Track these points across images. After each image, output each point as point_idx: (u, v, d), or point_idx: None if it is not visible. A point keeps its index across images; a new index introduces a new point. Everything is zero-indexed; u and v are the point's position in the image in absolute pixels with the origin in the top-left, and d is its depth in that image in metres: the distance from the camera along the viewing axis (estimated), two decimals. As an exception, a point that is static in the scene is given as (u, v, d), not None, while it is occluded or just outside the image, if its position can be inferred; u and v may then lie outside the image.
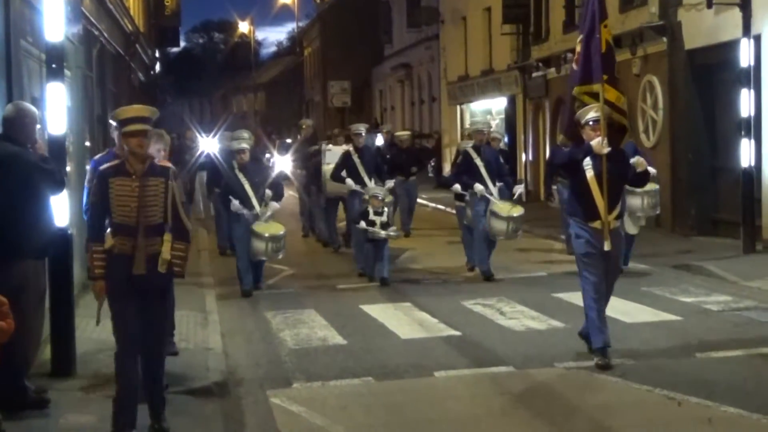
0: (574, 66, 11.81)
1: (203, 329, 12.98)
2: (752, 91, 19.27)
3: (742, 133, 18.93)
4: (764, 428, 8.59)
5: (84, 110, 17.84)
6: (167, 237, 8.53)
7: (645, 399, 9.65)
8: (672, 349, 11.63)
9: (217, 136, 27.02)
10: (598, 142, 10.75)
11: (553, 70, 31.69)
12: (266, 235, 15.64)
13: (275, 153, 30.43)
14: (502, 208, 16.82)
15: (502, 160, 18.52)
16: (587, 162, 10.93)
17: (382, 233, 16.67)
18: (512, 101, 36.28)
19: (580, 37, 11.79)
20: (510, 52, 35.85)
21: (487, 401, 9.80)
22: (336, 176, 19.20)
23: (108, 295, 8.56)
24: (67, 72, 13.56)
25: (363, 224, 16.87)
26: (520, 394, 9.96)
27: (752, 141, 18.77)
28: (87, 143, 18.00)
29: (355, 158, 19.04)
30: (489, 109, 39.90)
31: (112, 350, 11.01)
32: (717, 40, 21.27)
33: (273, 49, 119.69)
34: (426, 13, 46.09)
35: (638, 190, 15.61)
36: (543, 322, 13.34)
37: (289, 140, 41.96)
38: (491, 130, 18.86)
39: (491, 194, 16.92)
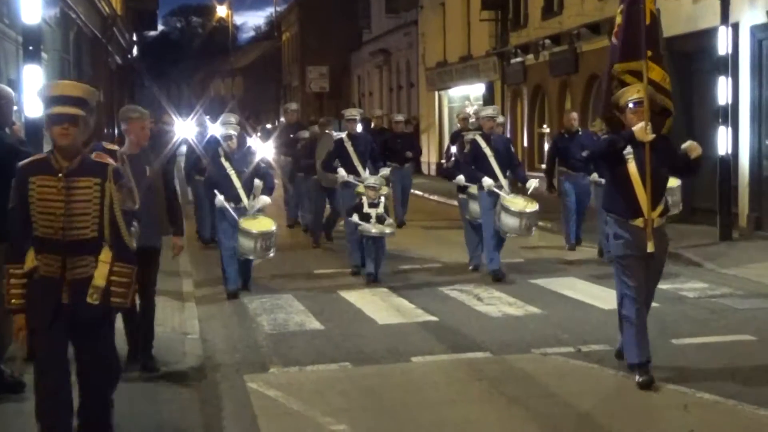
0: (614, 40, 10.33)
1: (180, 314, 12.96)
2: (729, 79, 19.35)
3: (720, 120, 19.01)
4: (740, 414, 8.63)
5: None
6: (104, 257, 6.90)
7: (621, 385, 9.67)
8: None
9: (194, 120, 26.82)
10: (641, 128, 9.35)
11: (531, 56, 31.76)
12: (255, 231, 14.25)
13: (255, 139, 28.53)
14: (515, 202, 15.44)
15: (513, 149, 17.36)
16: (628, 151, 9.54)
17: (373, 231, 15.31)
18: (490, 88, 36.27)
19: (621, 6, 10.35)
20: (488, 38, 35.87)
21: (463, 387, 9.82)
22: (327, 166, 17.93)
23: (30, 332, 7.09)
24: (43, 54, 13.54)
25: (356, 218, 15.50)
26: (497, 379, 9.96)
27: (729, 129, 18.86)
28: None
29: (348, 146, 17.46)
30: (467, 96, 39.90)
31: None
32: (695, 28, 21.32)
33: (251, 33, 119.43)
34: (405, -1, 46.05)
35: None
36: (520, 308, 13.36)
37: (269, 125, 41.77)
38: (494, 115, 16.81)
39: (501, 188, 15.57)
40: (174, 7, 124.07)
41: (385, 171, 18.06)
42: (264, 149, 23.08)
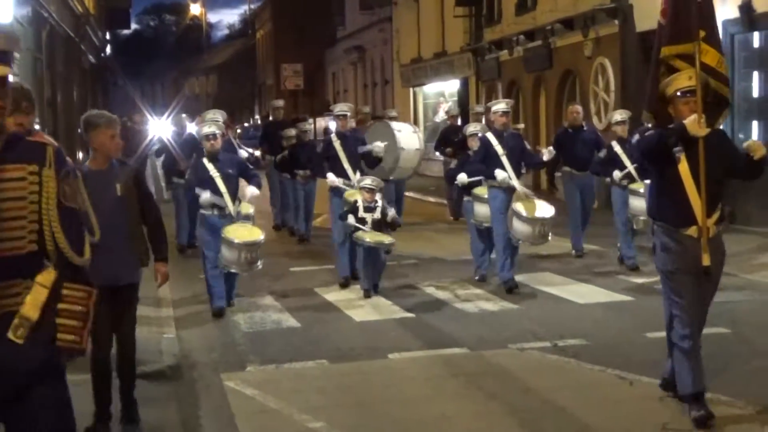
0: (661, 19, 8.84)
1: (156, 311, 12.95)
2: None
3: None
4: (714, 406, 8.64)
5: (33, 92, 17.68)
6: (44, 278, 4.76)
7: (597, 379, 9.73)
8: (624, 329, 11.71)
9: (170, 119, 26.52)
10: (693, 121, 7.88)
11: (505, 52, 31.81)
12: (237, 242, 12.71)
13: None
14: (528, 207, 14.13)
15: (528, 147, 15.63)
16: (678, 148, 8.10)
17: (367, 239, 13.72)
18: (465, 83, 36.32)
19: None
20: (463, 34, 35.92)
21: (441, 382, 9.83)
22: (317, 170, 16.60)
23: None
24: (15, 54, 13.46)
25: (352, 219, 13.94)
26: (474, 375, 9.99)
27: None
28: (36, 126, 17.85)
29: (338, 146, 15.55)
30: (442, 92, 39.97)
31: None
32: (668, 23, 21.37)
33: (225, 31, 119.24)
34: (379, -4, 46.06)
35: (641, 190, 14.73)
36: (497, 304, 13.40)
37: (246, 124, 41.55)
38: (508, 109, 14.89)
39: (517, 184, 14.24)
40: (147, 5, 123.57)
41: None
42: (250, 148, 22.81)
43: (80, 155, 27.63)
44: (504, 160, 14.14)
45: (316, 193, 20.02)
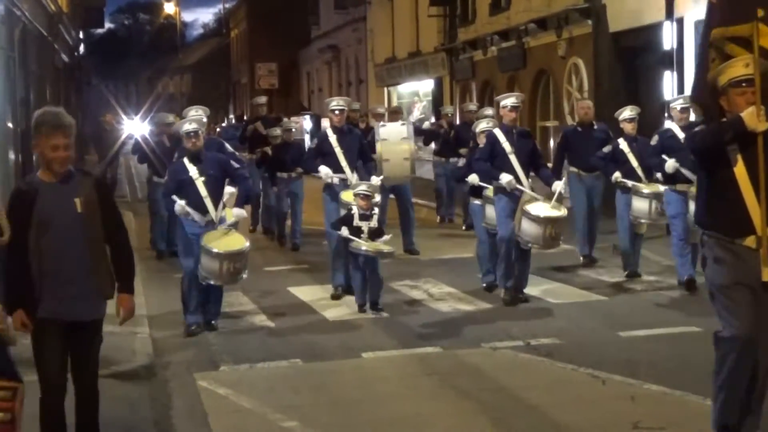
0: None
1: (130, 312, 12.89)
2: (675, 73, 19.59)
3: (666, 114, 19.16)
4: (686, 405, 8.72)
5: (6, 91, 17.65)
6: None
7: (570, 378, 9.76)
8: (597, 328, 11.77)
9: (148, 119, 26.11)
10: (751, 114, 6.74)
11: (479, 52, 31.84)
12: (218, 251, 11.45)
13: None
14: (538, 206, 12.98)
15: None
16: (733, 146, 6.88)
17: (363, 248, 12.60)
18: (439, 83, 36.34)
19: None
20: (437, 34, 35.92)
21: (414, 381, 9.85)
22: (308, 165, 15.11)
23: None
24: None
25: (345, 231, 12.78)
26: (448, 373, 10.01)
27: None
28: (9, 124, 17.81)
29: (333, 141, 14.30)
30: (416, 91, 40.01)
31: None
32: (641, 23, 21.51)
33: (200, 30, 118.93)
34: (354, -5, 46.07)
35: (644, 191, 14.20)
36: (470, 303, 13.42)
37: (224, 123, 41.28)
38: (518, 104, 13.71)
39: (524, 187, 13.14)
40: (121, 4, 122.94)
41: (376, 180, 14.39)
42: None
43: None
44: (512, 158, 13.13)
45: (304, 193, 19.10)
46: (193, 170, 11.83)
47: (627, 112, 14.81)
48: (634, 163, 14.45)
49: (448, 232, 20.70)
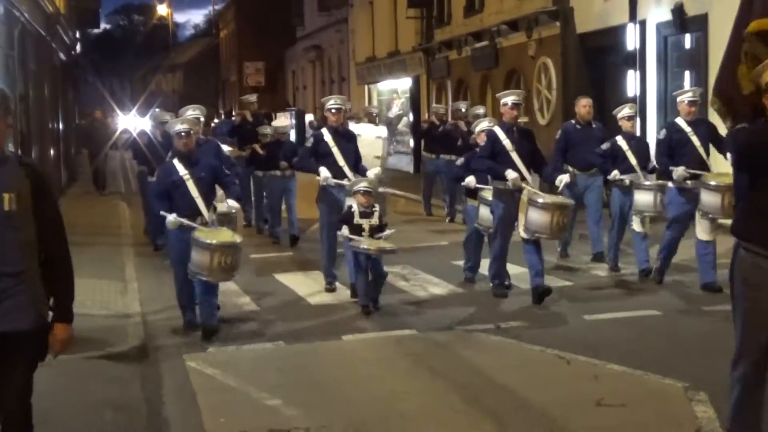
0: None
1: (123, 297, 12.90)
2: (638, 72, 19.72)
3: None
4: (645, 383, 8.77)
5: (5, 88, 17.57)
6: None
7: (538, 358, 9.80)
8: (563, 312, 11.79)
9: (148, 115, 25.73)
10: None
11: (454, 51, 31.86)
12: (211, 242, 10.43)
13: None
14: (545, 196, 12.23)
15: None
16: None
17: (363, 246, 11.70)
18: (417, 81, 36.34)
19: None
20: (414, 35, 35.91)
21: (391, 362, 9.87)
22: (304, 164, 13.78)
23: None
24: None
25: (346, 231, 11.93)
26: (422, 355, 10.03)
27: (638, 119, 19.07)
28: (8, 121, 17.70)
29: (330, 141, 13.19)
30: (395, 89, 39.99)
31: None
32: (606, 25, 21.59)
33: (191, 31, 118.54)
34: (336, -2, 46.03)
35: (646, 183, 13.40)
36: (444, 288, 13.45)
37: (217, 120, 40.92)
38: (520, 101, 12.93)
39: (528, 186, 12.32)
40: (117, 6, 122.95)
41: (377, 170, 13.61)
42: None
43: (52, 152, 27.55)
44: (514, 156, 12.30)
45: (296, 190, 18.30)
46: (183, 171, 10.86)
47: (626, 110, 14.14)
48: (633, 161, 13.73)
49: (429, 222, 20.74)
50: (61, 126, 31.64)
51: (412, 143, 36.18)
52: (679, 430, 7.53)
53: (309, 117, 41.90)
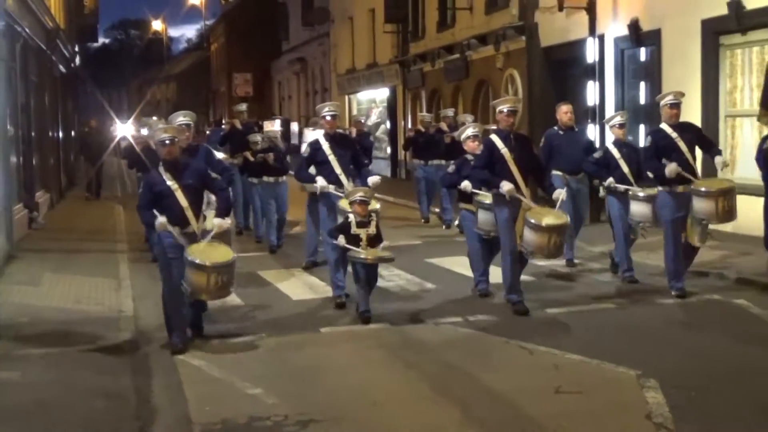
0: None
1: (116, 293, 12.83)
2: (597, 83, 19.73)
3: (589, 119, 19.36)
4: (601, 372, 8.78)
5: (8, 99, 17.51)
6: None
7: (502, 349, 9.79)
8: (527, 306, 11.77)
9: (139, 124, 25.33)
10: None
11: (428, 64, 31.90)
12: (206, 264, 9.56)
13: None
14: (540, 214, 11.14)
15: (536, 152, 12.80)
16: None
17: (362, 256, 10.95)
18: (393, 91, 36.35)
19: None
20: (391, 48, 35.94)
21: (366, 353, 9.84)
22: (303, 176, 12.75)
23: None
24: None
25: (342, 241, 11.04)
26: (395, 346, 10.02)
27: (597, 126, 19.22)
28: (9, 127, 17.66)
29: (327, 149, 12.45)
30: (373, 98, 39.96)
31: (35, 314, 10.95)
32: (568, 39, 21.59)
33: (184, 45, 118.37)
34: (318, 14, 45.93)
35: (641, 194, 12.65)
36: (416, 284, 13.43)
37: (210, 128, 40.66)
38: (516, 108, 11.82)
39: (524, 196, 11.29)
40: (114, 21, 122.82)
41: (375, 179, 12.52)
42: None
43: (52, 158, 27.41)
44: (511, 164, 11.27)
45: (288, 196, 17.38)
46: (169, 180, 9.83)
47: (617, 118, 13.40)
48: (625, 168, 13.00)
49: (401, 217, 20.71)
50: (60, 134, 31.51)
51: (389, 150, 36.18)
52: (631, 415, 7.52)
53: (294, 125, 41.85)
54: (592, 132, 19.02)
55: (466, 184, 12.19)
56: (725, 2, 16.34)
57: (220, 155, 16.57)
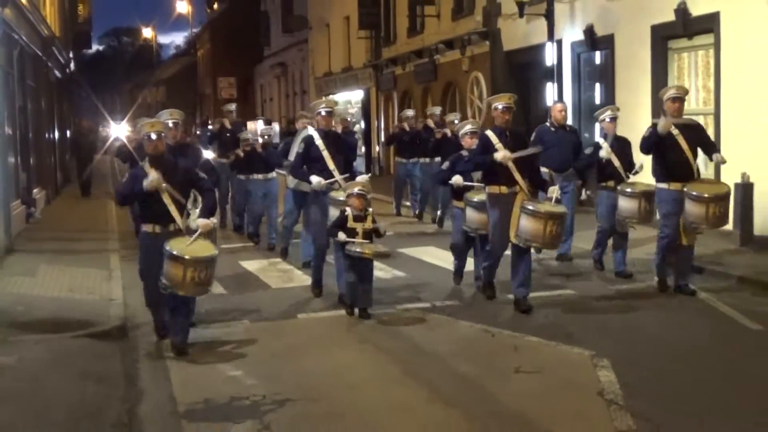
0: None
1: (107, 283, 12.74)
2: (555, 84, 19.76)
3: (548, 118, 19.32)
4: (559, 353, 8.81)
5: (6, 103, 17.39)
6: None
7: (467, 332, 9.80)
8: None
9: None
10: None
11: (399, 67, 31.88)
12: (180, 255, 8.61)
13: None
14: (539, 204, 10.46)
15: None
16: None
17: (357, 250, 10.28)
18: (367, 93, 36.30)
19: None
20: (365, 53, 35.88)
21: (341, 336, 9.84)
22: (298, 174, 12.03)
23: None
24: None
25: (343, 236, 10.36)
26: (368, 331, 10.01)
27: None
28: (8, 131, 17.56)
29: (321, 145, 11.40)
30: (349, 100, 39.87)
31: (30, 303, 10.87)
32: (528, 44, 21.64)
33: (173, 51, 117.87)
34: (297, 21, 45.88)
35: (628, 190, 11.79)
36: (388, 273, 13.38)
37: (202, 128, 40.30)
38: (511, 105, 10.95)
39: (522, 188, 10.51)
40: (108, 29, 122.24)
41: (364, 177, 11.48)
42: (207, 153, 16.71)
43: (49, 158, 27.23)
44: (509, 162, 10.47)
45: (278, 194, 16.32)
46: (155, 179, 8.91)
47: (608, 112, 12.44)
48: (616, 162, 12.12)
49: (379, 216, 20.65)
50: (56, 135, 31.31)
51: (363, 148, 36.11)
52: (585, 392, 7.54)
53: (275, 125, 41.69)
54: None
55: (456, 178, 11.47)
56: (673, 9, 16.39)
57: (209, 155, 16.33)
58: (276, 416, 7.17)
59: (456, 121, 16.80)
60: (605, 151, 12.09)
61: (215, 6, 71.16)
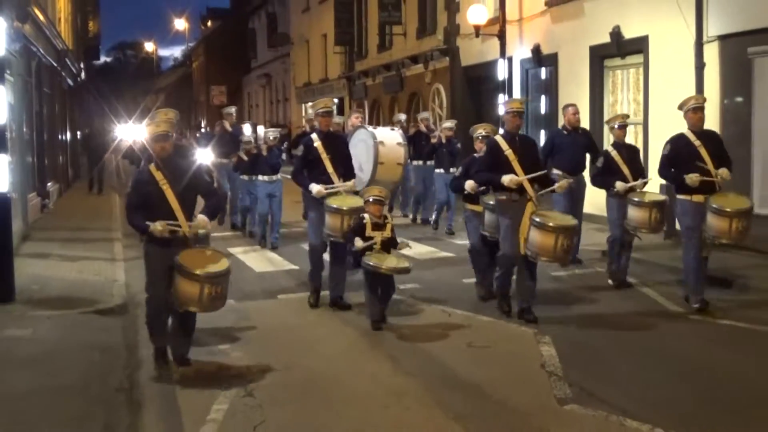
0: None
1: (112, 266, 12.67)
2: (506, 96, 19.76)
3: (500, 127, 19.34)
4: (506, 329, 8.84)
5: (24, 108, 17.29)
6: None
7: (426, 312, 9.81)
8: (446, 276, 11.81)
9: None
10: None
11: (370, 79, 31.88)
12: (199, 273, 7.14)
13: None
14: (549, 217, 8.90)
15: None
16: None
17: (373, 263, 8.84)
18: (341, 102, 36.23)
19: None
20: (340, 65, 35.85)
21: (316, 315, 9.81)
22: (298, 180, 9.85)
23: None
24: (10, 77, 13.09)
25: (360, 243, 9.01)
26: (337, 309, 9.96)
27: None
28: (25, 130, 17.43)
29: (320, 147, 9.74)
30: (326, 107, 39.79)
31: (44, 282, 10.78)
32: (483, 60, 21.66)
33: (171, 62, 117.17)
34: (281, 38, 45.87)
35: (636, 199, 10.29)
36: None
37: (200, 131, 40.07)
38: (521, 109, 9.39)
39: (530, 196, 9.03)
40: (114, 43, 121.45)
41: (353, 182, 9.93)
42: (205, 155, 16.19)
43: (61, 156, 27.00)
44: (515, 166, 9.04)
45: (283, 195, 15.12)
46: (160, 178, 7.38)
47: (619, 120, 10.96)
48: (626, 170, 10.58)
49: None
50: (68, 136, 31.08)
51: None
52: (528, 363, 7.59)
53: (260, 128, 41.50)
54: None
55: (470, 183, 9.92)
56: (608, 32, 16.47)
57: (206, 155, 15.94)
58: (258, 383, 7.17)
59: (429, 118, 16.97)
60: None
61: (209, 23, 71.05)
